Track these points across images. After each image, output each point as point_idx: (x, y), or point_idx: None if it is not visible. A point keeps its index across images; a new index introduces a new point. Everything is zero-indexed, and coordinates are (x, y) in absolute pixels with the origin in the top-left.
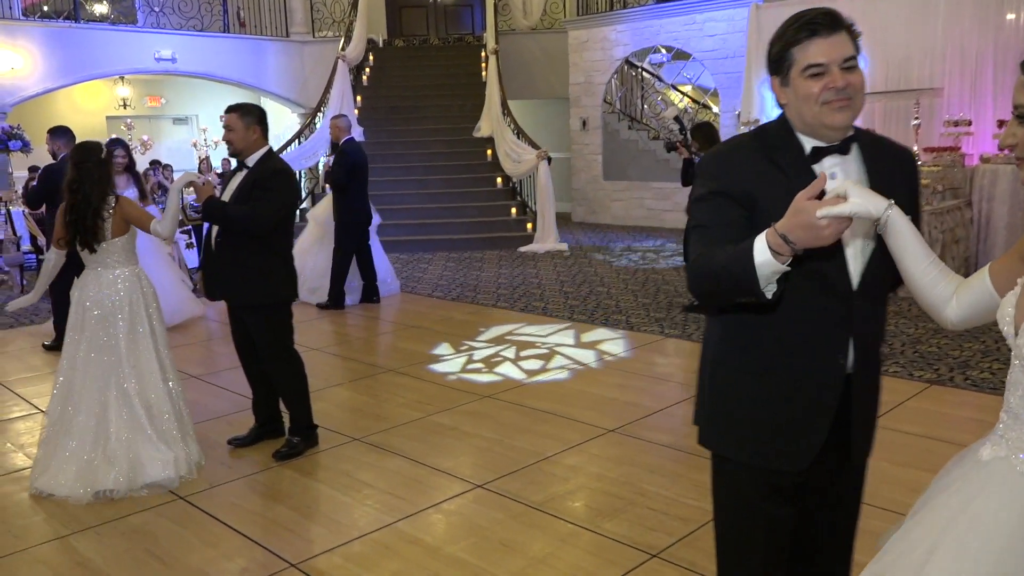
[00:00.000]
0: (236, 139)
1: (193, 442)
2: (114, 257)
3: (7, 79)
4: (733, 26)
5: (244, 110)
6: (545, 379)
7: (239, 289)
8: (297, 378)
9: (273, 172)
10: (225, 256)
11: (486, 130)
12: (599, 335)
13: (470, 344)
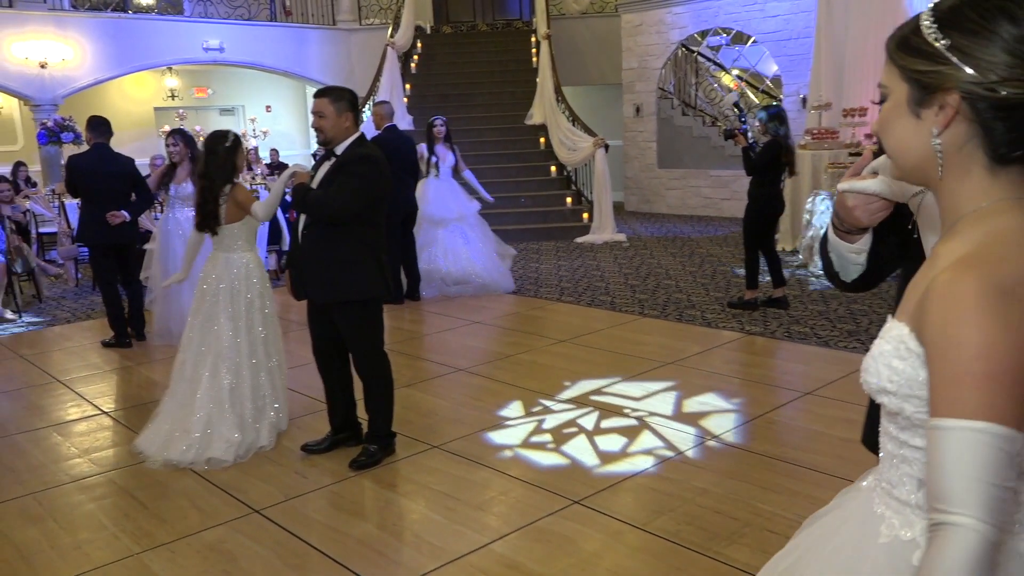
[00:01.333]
0: (327, 126)
1: (269, 429)
2: (232, 242)
3: (58, 70)
4: (797, 6)
5: (336, 94)
6: None
7: (327, 285)
8: (385, 382)
9: (359, 158)
10: (312, 249)
11: (538, 117)
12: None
13: (548, 337)
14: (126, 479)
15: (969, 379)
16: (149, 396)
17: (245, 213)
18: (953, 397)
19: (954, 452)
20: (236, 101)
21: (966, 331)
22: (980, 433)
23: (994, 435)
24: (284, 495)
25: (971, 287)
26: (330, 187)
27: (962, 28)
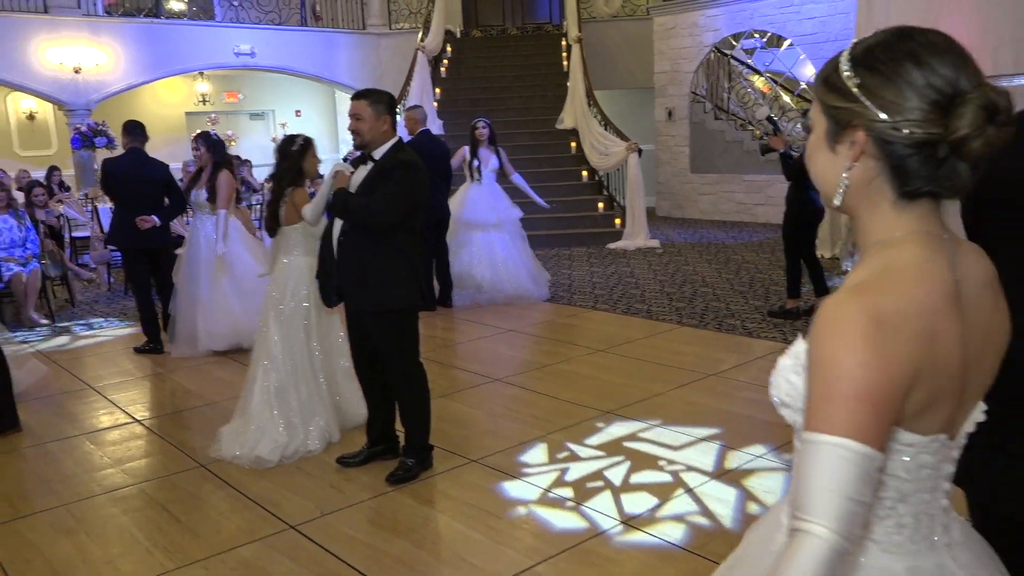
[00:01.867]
0: (364, 129)
1: (319, 435)
2: (290, 246)
3: (92, 75)
4: (834, 7)
5: (374, 97)
6: None
7: (362, 293)
8: (420, 393)
9: (398, 164)
10: (348, 256)
11: (569, 122)
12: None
13: (585, 346)
14: (159, 491)
15: (837, 398)
16: (183, 404)
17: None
18: (822, 413)
19: (816, 464)
20: (266, 106)
21: (839, 353)
22: (841, 449)
23: (854, 452)
24: (320, 510)
25: (851, 312)
26: (372, 193)
27: (872, 68)
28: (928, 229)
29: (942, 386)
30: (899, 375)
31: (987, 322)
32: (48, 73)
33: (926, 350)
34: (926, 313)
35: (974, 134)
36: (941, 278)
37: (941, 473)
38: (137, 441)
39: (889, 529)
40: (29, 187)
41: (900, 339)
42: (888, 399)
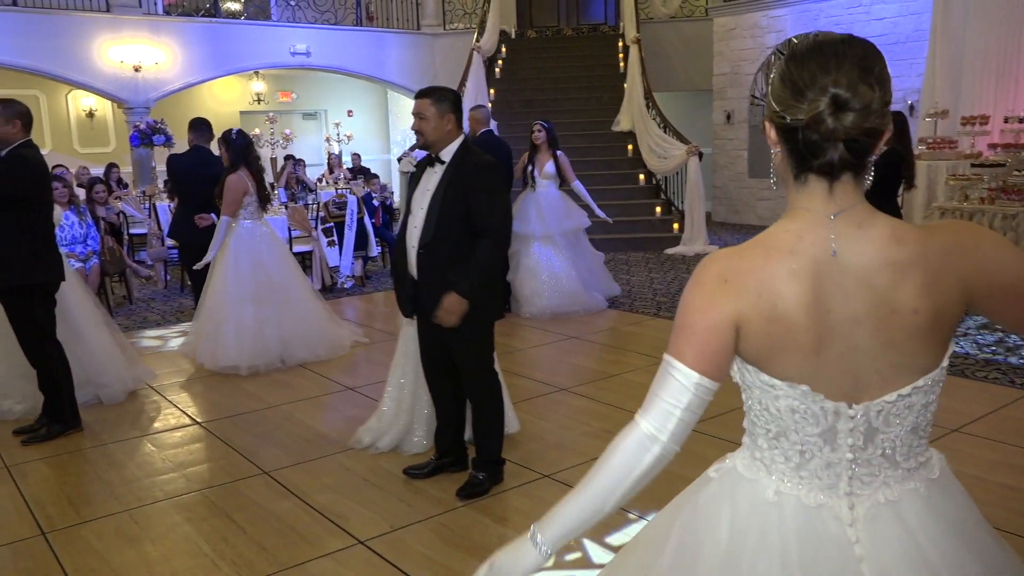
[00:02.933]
0: (429, 129)
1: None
2: None
3: (151, 74)
4: (906, 8)
5: (438, 95)
6: None
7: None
8: (497, 405)
9: (482, 169)
10: (429, 268)
11: (626, 124)
12: None
13: (651, 356)
14: (223, 498)
15: (677, 328)
16: (243, 407)
17: None
18: (670, 339)
19: (657, 376)
20: (319, 105)
21: (687, 296)
22: (668, 365)
23: (676, 368)
24: (389, 525)
25: (707, 269)
26: (461, 204)
27: (779, 70)
28: (810, 206)
29: (781, 338)
30: (720, 318)
31: (882, 300)
32: (109, 71)
33: (751, 303)
34: (761, 275)
35: (816, 120)
36: (802, 250)
37: (835, 430)
38: (198, 444)
39: (777, 457)
40: (90, 184)
41: (728, 291)
42: (708, 335)
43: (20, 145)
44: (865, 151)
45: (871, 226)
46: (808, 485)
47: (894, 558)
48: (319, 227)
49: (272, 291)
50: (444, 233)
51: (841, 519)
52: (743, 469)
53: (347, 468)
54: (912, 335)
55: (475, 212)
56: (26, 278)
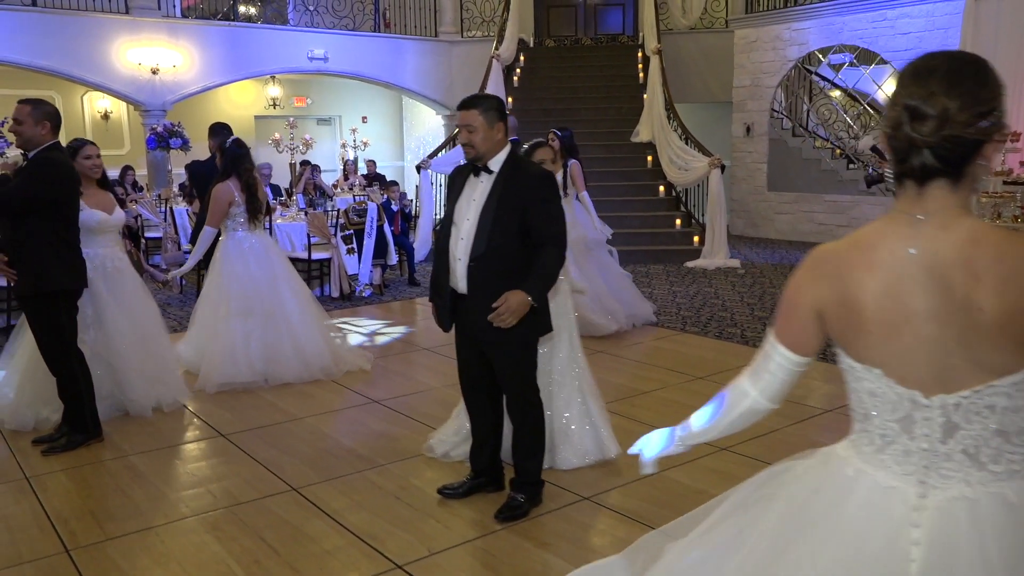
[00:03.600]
0: (479, 140)
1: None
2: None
3: (169, 76)
4: (932, 23)
5: (485, 104)
6: None
7: (500, 327)
8: (538, 423)
9: (540, 179)
10: (481, 284)
11: (645, 135)
12: None
13: (682, 372)
14: (252, 516)
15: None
16: (267, 418)
17: None
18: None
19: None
20: (333, 111)
21: (790, 277)
22: (768, 337)
23: (770, 342)
24: (427, 548)
25: (808, 253)
26: (515, 216)
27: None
28: (902, 208)
29: (854, 323)
30: (803, 300)
31: (953, 297)
32: (127, 73)
33: (828, 288)
34: (840, 264)
35: (896, 127)
36: (882, 245)
37: (912, 419)
38: (222, 458)
39: (863, 439)
40: None
41: (813, 277)
42: (793, 313)
43: (48, 148)
44: (955, 158)
45: (955, 228)
46: (886, 469)
47: (953, 552)
48: (338, 234)
49: (260, 304)
50: (497, 245)
51: (908, 503)
52: (840, 449)
53: (378, 486)
54: (981, 334)
55: (536, 222)
56: (55, 284)
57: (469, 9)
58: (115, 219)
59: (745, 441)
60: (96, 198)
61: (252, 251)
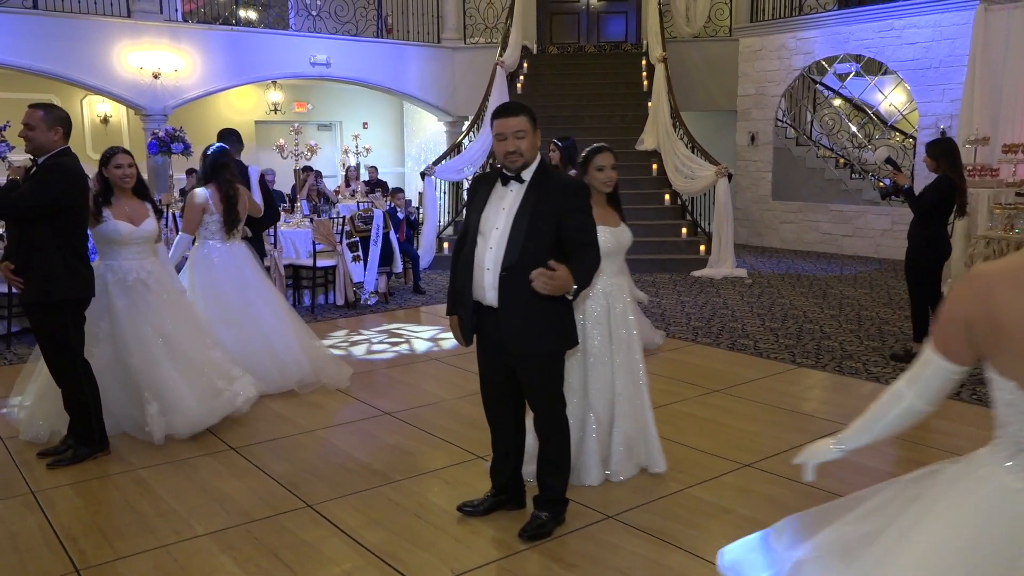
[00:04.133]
0: (527, 147)
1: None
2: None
3: (170, 81)
4: (939, 33)
5: (529, 111)
6: None
7: (523, 335)
8: (565, 439)
9: (576, 188)
10: (513, 295)
11: (650, 143)
12: None
13: (697, 385)
14: (267, 534)
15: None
16: (278, 431)
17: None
18: None
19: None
20: (334, 117)
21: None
22: (926, 347)
23: (928, 351)
24: (450, 570)
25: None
26: (548, 222)
27: None
28: None
29: (995, 337)
30: (955, 313)
31: None
32: (128, 77)
33: (977, 303)
34: (991, 280)
35: None
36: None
37: None
38: (233, 472)
39: (999, 446)
40: None
41: (967, 292)
42: (946, 324)
43: (59, 153)
44: None
45: None
46: (1014, 474)
47: None
48: (344, 241)
49: (229, 314)
50: (530, 254)
51: None
52: (981, 452)
53: (396, 503)
54: None
55: (571, 232)
56: (63, 292)
57: (472, 16)
58: (142, 231)
59: (768, 458)
60: (125, 208)
61: (221, 261)
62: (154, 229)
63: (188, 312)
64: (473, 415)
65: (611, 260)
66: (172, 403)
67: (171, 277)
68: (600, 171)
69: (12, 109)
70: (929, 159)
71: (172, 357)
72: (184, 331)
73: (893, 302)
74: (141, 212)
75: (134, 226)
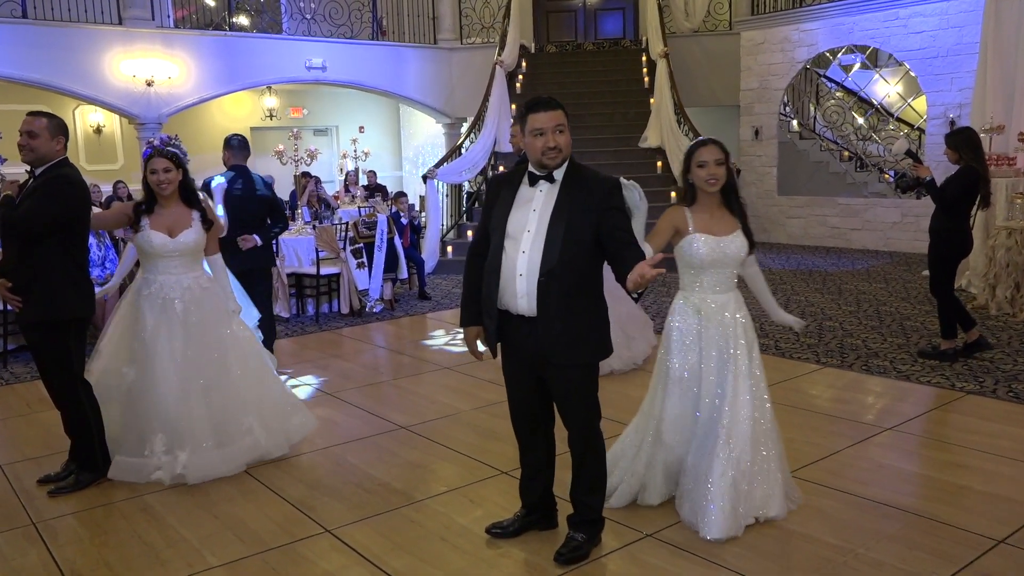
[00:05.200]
0: (566, 143)
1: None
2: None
3: (164, 88)
4: (946, 21)
5: (563, 106)
6: None
7: (563, 345)
8: (602, 455)
9: (613, 187)
10: (553, 302)
11: (653, 140)
12: None
13: None
14: (286, 564)
15: None
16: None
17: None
18: None
19: None
20: (330, 121)
21: None
22: None
23: None
24: None
25: None
26: (573, 224)
27: None
28: None
29: None
30: None
31: None
32: (121, 86)
33: None
34: None
35: None
36: None
37: None
38: (245, 495)
39: None
40: (107, 202)
41: None
42: None
43: (59, 164)
44: None
45: None
46: None
47: None
48: (347, 248)
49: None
50: (569, 258)
51: None
52: None
53: (419, 524)
54: None
55: (615, 231)
56: (69, 312)
57: (468, 16)
58: (177, 243)
59: (806, 466)
60: (167, 218)
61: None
62: (193, 241)
63: (231, 340)
64: (492, 426)
65: (707, 273)
66: (185, 440)
67: (218, 296)
68: (702, 167)
69: (3, 121)
70: (950, 150)
71: (198, 388)
72: (218, 361)
73: (911, 296)
74: (183, 222)
75: (169, 237)
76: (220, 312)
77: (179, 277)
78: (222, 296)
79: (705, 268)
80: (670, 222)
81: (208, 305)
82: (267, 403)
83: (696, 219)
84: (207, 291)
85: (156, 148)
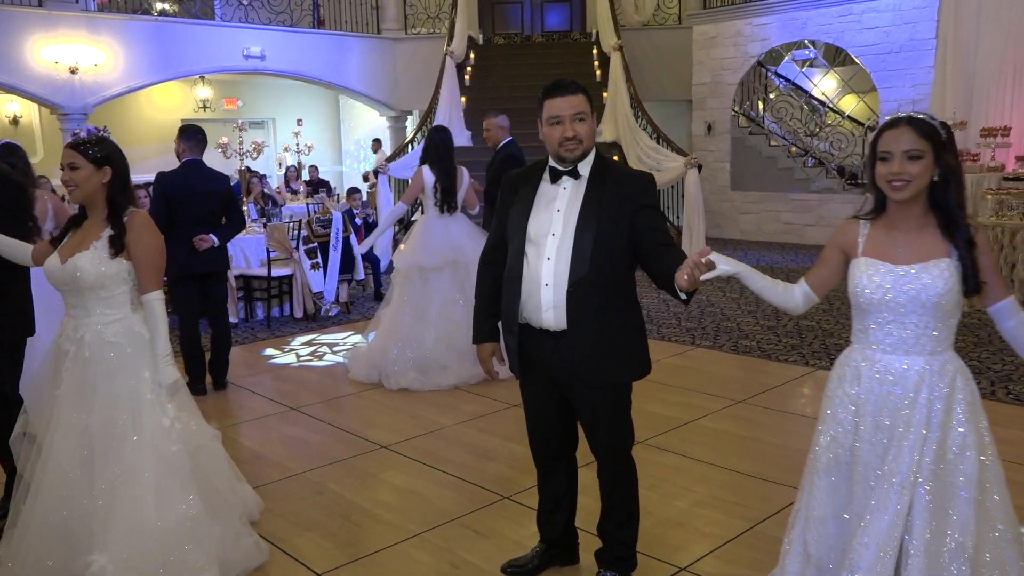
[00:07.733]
0: (587, 132)
1: None
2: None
3: (89, 76)
4: (900, 17)
5: (586, 90)
6: None
7: (597, 361)
8: (634, 484)
9: (647, 183)
10: (589, 316)
11: (609, 134)
12: None
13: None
14: None
15: None
16: (262, 475)
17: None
18: None
19: None
20: (266, 113)
21: None
22: None
23: None
24: None
25: None
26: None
27: None
28: None
29: None
30: None
31: None
32: (42, 73)
33: None
34: None
35: None
36: None
37: None
38: None
39: None
40: None
41: None
42: None
43: None
44: None
45: None
46: None
47: None
48: (301, 248)
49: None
50: (601, 265)
51: None
52: None
53: (421, 562)
54: None
55: (651, 231)
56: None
57: (413, 5)
58: (61, 271)
59: None
60: (78, 235)
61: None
62: (81, 270)
63: (125, 430)
64: (483, 444)
65: (871, 318)
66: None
67: (135, 360)
68: (884, 161)
69: None
70: None
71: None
72: (84, 459)
73: None
74: (86, 242)
75: (60, 262)
76: (127, 384)
77: (77, 321)
78: (144, 360)
79: (871, 312)
80: (836, 243)
81: (106, 369)
82: (147, 543)
83: (871, 238)
84: (116, 348)
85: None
